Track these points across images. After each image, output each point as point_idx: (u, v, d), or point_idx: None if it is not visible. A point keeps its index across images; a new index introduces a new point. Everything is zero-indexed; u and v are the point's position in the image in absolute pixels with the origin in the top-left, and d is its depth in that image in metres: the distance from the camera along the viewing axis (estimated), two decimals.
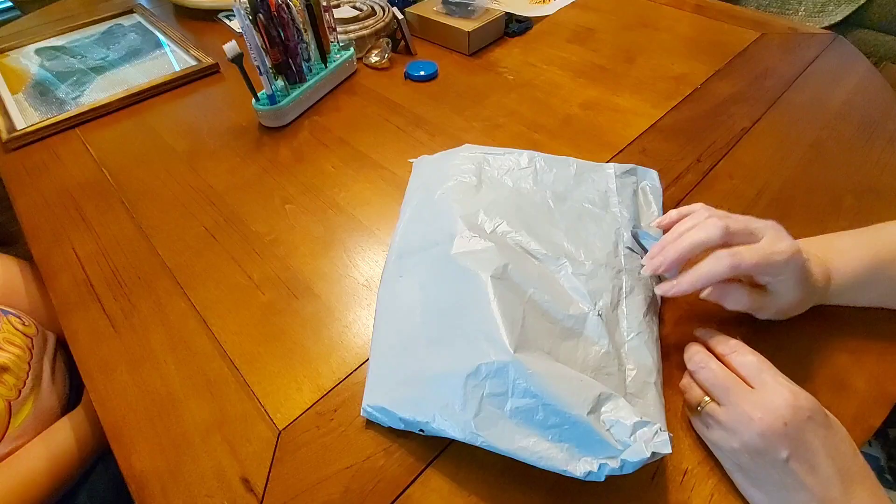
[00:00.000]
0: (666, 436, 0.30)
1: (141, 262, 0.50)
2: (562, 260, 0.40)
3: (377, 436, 0.37)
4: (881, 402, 0.36)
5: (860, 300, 0.41)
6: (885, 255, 0.39)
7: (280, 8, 0.61)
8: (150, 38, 0.89)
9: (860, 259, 0.40)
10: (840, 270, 0.40)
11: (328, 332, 0.43)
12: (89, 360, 0.43)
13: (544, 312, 0.36)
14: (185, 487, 0.35)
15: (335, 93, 0.73)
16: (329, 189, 0.57)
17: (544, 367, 0.33)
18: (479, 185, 0.47)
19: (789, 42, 0.76)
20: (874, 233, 0.41)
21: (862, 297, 0.41)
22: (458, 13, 0.79)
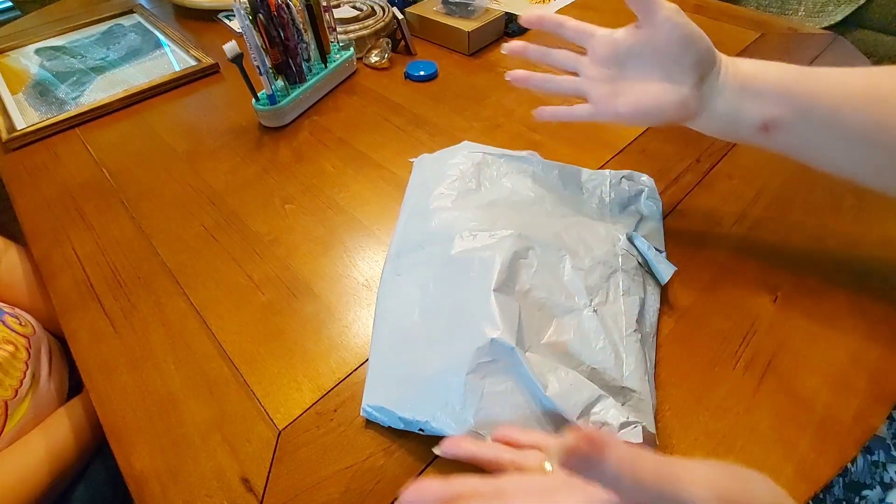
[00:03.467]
0: (639, 428, 0.31)
1: (141, 262, 0.50)
2: (562, 252, 0.40)
3: (377, 436, 0.37)
4: (881, 402, 0.36)
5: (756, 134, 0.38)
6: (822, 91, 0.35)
7: (280, 8, 0.61)
8: (150, 38, 0.89)
9: (775, 67, 0.37)
10: (744, 69, 0.37)
11: (328, 332, 0.43)
12: (89, 360, 0.43)
13: (541, 307, 0.37)
14: (185, 487, 0.35)
15: (335, 93, 0.73)
16: (329, 189, 0.57)
17: (540, 366, 0.33)
18: (479, 187, 0.47)
19: (789, 42, 0.76)
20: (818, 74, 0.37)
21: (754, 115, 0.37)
22: (458, 13, 0.79)
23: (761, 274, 0.45)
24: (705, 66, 0.37)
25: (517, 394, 0.33)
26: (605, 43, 0.41)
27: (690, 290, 0.44)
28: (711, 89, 0.38)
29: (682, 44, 0.37)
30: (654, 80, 0.39)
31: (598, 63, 0.41)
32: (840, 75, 0.35)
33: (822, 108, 0.35)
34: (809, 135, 0.36)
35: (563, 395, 0.32)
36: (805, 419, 0.36)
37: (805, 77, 0.36)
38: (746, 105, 0.37)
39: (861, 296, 0.42)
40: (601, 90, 0.41)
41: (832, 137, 0.36)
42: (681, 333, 0.41)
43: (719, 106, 0.38)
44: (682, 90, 0.38)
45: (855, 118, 0.34)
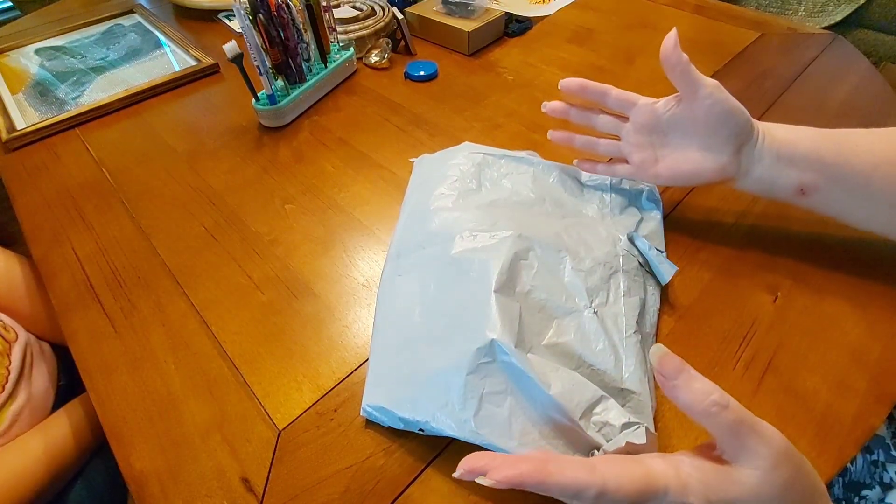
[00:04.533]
0: (642, 429, 0.31)
1: (141, 262, 0.50)
2: (562, 253, 0.40)
3: (377, 436, 0.37)
4: (881, 402, 0.36)
5: (786, 179, 0.40)
6: (842, 143, 0.38)
7: (280, 8, 0.61)
8: (150, 38, 0.89)
9: (807, 134, 0.40)
10: (779, 137, 0.40)
11: (328, 332, 0.43)
12: (89, 360, 0.43)
13: (542, 308, 0.37)
14: (185, 487, 0.35)
15: (335, 93, 0.73)
16: (329, 189, 0.57)
17: (541, 367, 0.33)
18: (479, 187, 0.47)
19: (789, 42, 0.76)
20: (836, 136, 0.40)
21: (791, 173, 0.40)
22: (458, 13, 0.79)
23: (761, 274, 0.45)
24: (743, 137, 0.40)
25: (517, 395, 0.33)
26: (646, 112, 0.43)
27: (690, 290, 0.44)
28: (748, 158, 0.40)
29: (721, 118, 0.39)
30: (694, 148, 0.41)
31: (640, 131, 0.44)
32: (870, 142, 0.38)
33: (853, 175, 0.38)
34: (842, 198, 0.39)
35: (565, 394, 0.32)
36: (805, 419, 0.36)
37: (837, 144, 0.38)
38: (782, 172, 0.40)
39: (861, 295, 0.42)
40: (641, 155, 0.44)
41: (863, 201, 0.39)
42: (681, 333, 0.41)
43: (756, 172, 0.41)
44: (721, 159, 0.41)
45: (884, 184, 0.37)
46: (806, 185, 0.39)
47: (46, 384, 0.57)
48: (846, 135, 0.39)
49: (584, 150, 0.48)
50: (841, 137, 0.39)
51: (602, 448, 0.31)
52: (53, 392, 0.57)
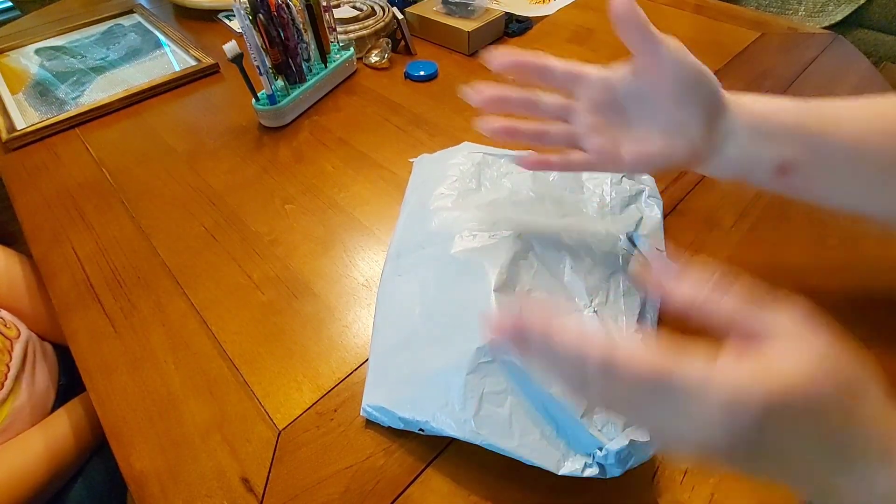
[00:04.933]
0: None
1: (141, 262, 0.50)
2: (562, 252, 0.40)
3: (377, 436, 0.37)
4: None
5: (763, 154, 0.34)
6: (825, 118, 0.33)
7: (280, 8, 0.61)
8: (150, 38, 0.89)
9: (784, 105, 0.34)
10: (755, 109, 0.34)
11: (328, 332, 0.43)
12: (89, 360, 0.43)
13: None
14: (185, 487, 0.35)
15: (335, 93, 0.73)
16: (329, 189, 0.57)
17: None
18: (479, 187, 0.47)
19: (789, 42, 0.76)
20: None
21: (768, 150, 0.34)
22: (458, 13, 0.79)
23: (761, 274, 0.45)
24: (714, 109, 0.34)
25: (517, 394, 0.33)
26: (599, 87, 0.35)
27: None
28: (721, 132, 0.34)
29: (688, 84, 0.33)
30: (659, 125, 0.34)
31: (593, 110, 0.36)
32: (856, 108, 0.33)
33: (839, 146, 0.33)
34: (827, 175, 0.34)
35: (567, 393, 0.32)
36: None
37: (819, 113, 0.33)
38: (760, 147, 0.34)
39: (861, 296, 0.42)
40: (598, 140, 0.36)
41: (851, 176, 0.33)
42: (681, 333, 0.41)
43: (730, 150, 0.34)
44: (690, 134, 0.34)
45: (875, 153, 0.32)
46: (787, 161, 0.33)
47: (47, 383, 0.57)
48: (827, 105, 0.34)
49: (531, 142, 0.38)
50: (822, 108, 0.34)
51: (605, 448, 0.30)
52: (54, 391, 0.57)
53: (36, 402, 0.53)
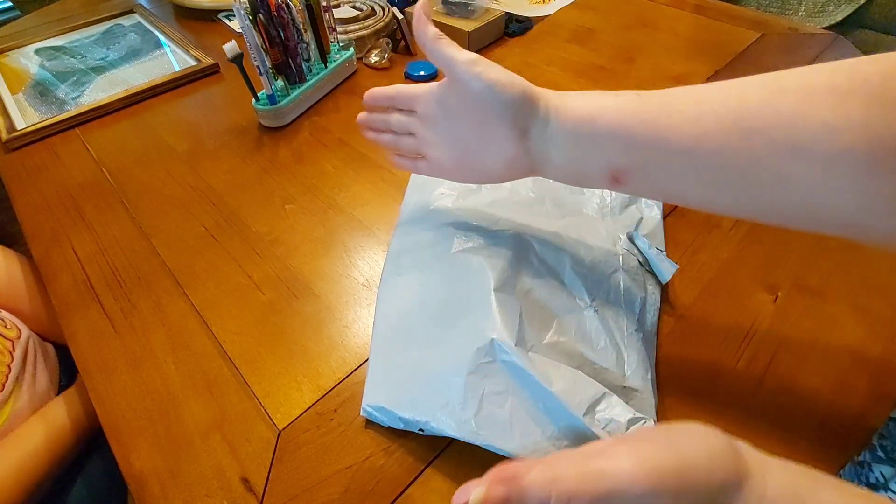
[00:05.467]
0: (650, 422, 0.30)
1: (141, 262, 0.50)
2: (562, 252, 0.40)
3: (377, 436, 0.37)
4: (881, 402, 0.36)
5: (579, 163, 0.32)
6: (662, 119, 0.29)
7: (280, 8, 0.61)
8: (150, 38, 0.89)
9: (612, 103, 0.30)
10: (575, 111, 0.31)
11: (328, 332, 0.43)
12: (89, 360, 0.43)
13: (542, 307, 0.37)
14: (185, 487, 0.35)
15: (335, 93, 0.73)
16: (329, 189, 0.57)
17: (543, 366, 0.33)
18: (479, 187, 0.47)
19: (789, 42, 0.76)
20: None
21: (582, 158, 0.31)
22: (458, 13, 0.79)
23: (761, 274, 0.45)
24: (523, 118, 0.32)
25: (518, 394, 0.33)
26: (425, 103, 0.38)
27: (691, 289, 0.44)
28: (541, 142, 0.33)
29: (487, 96, 0.32)
30: (474, 141, 0.35)
31: (426, 124, 0.39)
32: (696, 104, 0.28)
33: (672, 153, 0.29)
34: (664, 178, 0.30)
35: (568, 391, 0.32)
36: (805, 419, 0.36)
37: (651, 113, 0.29)
38: (585, 156, 0.32)
39: (861, 296, 0.42)
40: (433, 152, 0.39)
41: (690, 181, 0.29)
42: (681, 333, 0.41)
43: (555, 159, 0.33)
44: (505, 149, 0.33)
45: (712, 159, 0.28)
46: (617, 170, 0.31)
47: (48, 384, 0.57)
48: (667, 98, 0.29)
49: (390, 148, 0.44)
50: (660, 102, 0.29)
51: None
52: (55, 392, 0.57)
53: (36, 404, 0.53)
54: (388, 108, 0.42)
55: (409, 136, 0.42)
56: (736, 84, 0.28)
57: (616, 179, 0.31)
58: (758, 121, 0.26)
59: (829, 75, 0.25)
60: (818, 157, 0.25)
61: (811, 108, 0.25)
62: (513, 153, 0.33)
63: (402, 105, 0.41)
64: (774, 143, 0.25)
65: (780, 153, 0.25)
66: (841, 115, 0.24)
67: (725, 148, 0.27)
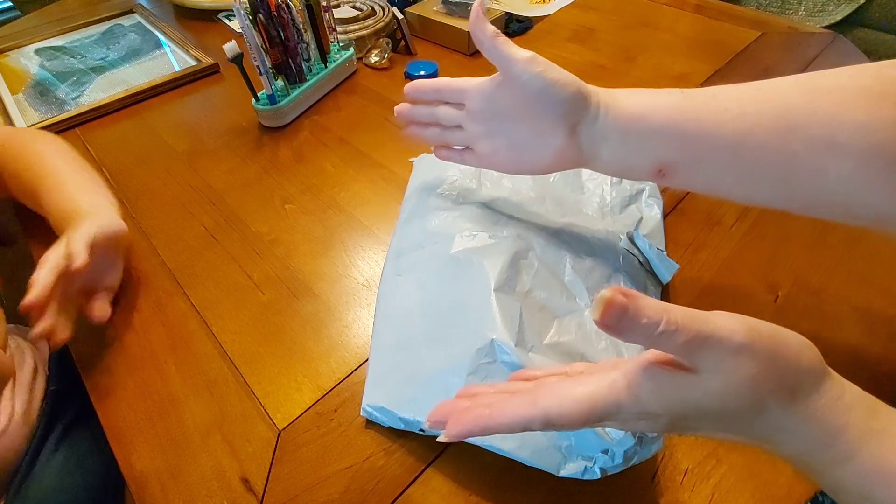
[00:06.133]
0: None
1: (141, 262, 0.50)
2: (562, 252, 0.40)
3: (377, 436, 0.37)
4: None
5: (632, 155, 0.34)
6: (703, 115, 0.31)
7: (280, 8, 0.61)
8: (150, 38, 0.89)
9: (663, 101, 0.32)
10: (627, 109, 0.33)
11: (328, 332, 0.43)
12: (89, 360, 0.43)
13: (542, 307, 0.37)
14: (185, 487, 0.35)
15: (335, 93, 0.73)
16: (329, 189, 0.57)
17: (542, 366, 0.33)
18: (479, 187, 0.47)
19: (789, 42, 0.76)
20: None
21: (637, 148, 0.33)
22: (458, 13, 0.79)
23: (761, 274, 0.45)
24: (575, 115, 0.34)
25: None
26: (476, 98, 0.39)
27: (691, 289, 0.44)
28: (590, 137, 0.34)
29: (542, 95, 0.34)
30: (524, 134, 0.37)
31: (475, 118, 0.40)
32: (739, 103, 0.31)
33: (719, 149, 0.31)
34: (710, 174, 0.32)
35: None
36: None
37: (699, 110, 0.31)
38: (633, 151, 0.33)
39: (861, 296, 0.42)
40: (482, 146, 0.40)
41: (735, 175, 0.31)
42: None
43: (604, 154, 0.34)
44: (555, 143, 0.35)
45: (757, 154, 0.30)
46: (664, 163, 0.32)
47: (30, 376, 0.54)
48: (712, 97, 0.32)
49: (436, 141, 0.44)
50: (705, 101, 0.32)
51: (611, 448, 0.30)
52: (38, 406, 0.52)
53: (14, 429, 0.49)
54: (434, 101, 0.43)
55: (457, 130, 0.42)
56: (773, 85, 0.30)
57: (662, 174, 0.33)
58: (796, 119, 0.28)
59: (860, 78, 0.28)
60: (852, 153, 0.27)
61: (845, 109, 0.27)
62: (563, 148, 0.35)
63: (451, 98, 0.41)
64: (812, 140, 0.28)
65: (817, 149, 0.28)
66: (873, 115, 0.26)
67: (767, 143, 0.29)
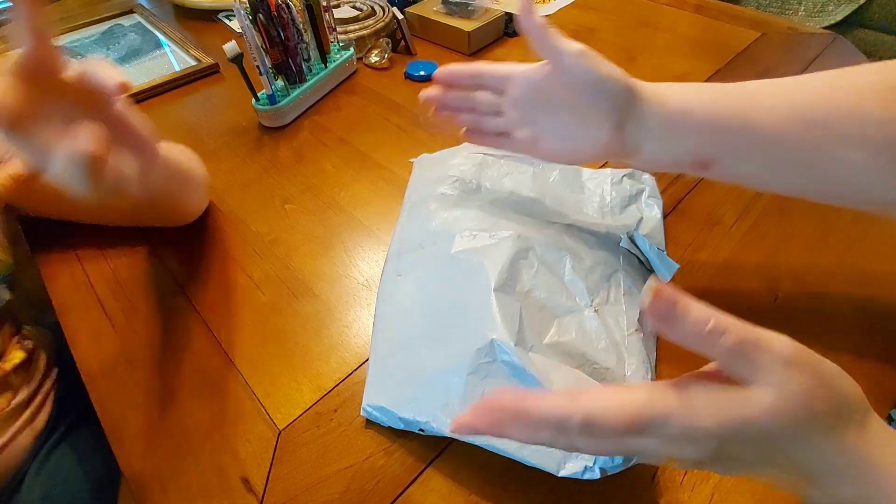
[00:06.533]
0: None
1: (141, 262, 0.50)
2: (563, 252, 0.40)
3: (377, 436, 0.37)
4: (881, 402, 0.36)
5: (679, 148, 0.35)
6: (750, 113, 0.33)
7: (280, 8, 0.61)
8: (150, 38, 0.89)
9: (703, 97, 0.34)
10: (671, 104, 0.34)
11: (328, 332, 0.43)
12: (89, 360, 0.43)
13: (542, 307, 0.37)
14: (185, 487, 0.35)
15: (335, 93, 0.73)
16: (329, 189, 0.57)
17: (543, 366, 0.33)
18: (479, 187, 0.47)
19: (789, 42, 0.76)
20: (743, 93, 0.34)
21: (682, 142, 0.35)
22: (458, 13, 0.79)
23: (761, 274, 0.45)
24: (623, 111, 0.35)
25: None
26: (521, 85, 0.38)
27: (691, 289, 0.43)
28: (635, 132, 0.35)
29: (593, 88, 0.35)
30: (570, 125, 0.37)
31: (516, 105, 0.39)
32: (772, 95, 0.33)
33: (756, 141, 0.33)
34: (748, 165, 0.34)
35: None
36: None
37: (739, 103, 0.33)
38: (676, 145, 0.35)
39: (861, 296, 0.42)
40: (522, 133, 0.40)
41: (773, 165, 0.33)
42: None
43: (647, 148, 0.36)
44: (601, 136, 0.36)
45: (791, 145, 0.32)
46: (705, 157, 0.34)
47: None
48: (747, 93, 0.34)
49: (470, 125, 0.43)
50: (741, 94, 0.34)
51: None
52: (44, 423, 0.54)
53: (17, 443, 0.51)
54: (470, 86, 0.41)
55: (496, 116, 0.41)
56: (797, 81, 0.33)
57: (703, 166, 0.35)
58: (819, 113, 0.31)
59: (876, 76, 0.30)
60: (869, 145, 0.29)
61: (862, 104, 0.30)
62: (607, 141, 0.36)
63: (492, 85, 0.40)
64: (832, 133, 0.30)
65: (838, 141, 0.30)
66: (888, 109, 0.29)
67: (796, 136, 0.32)
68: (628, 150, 0.36)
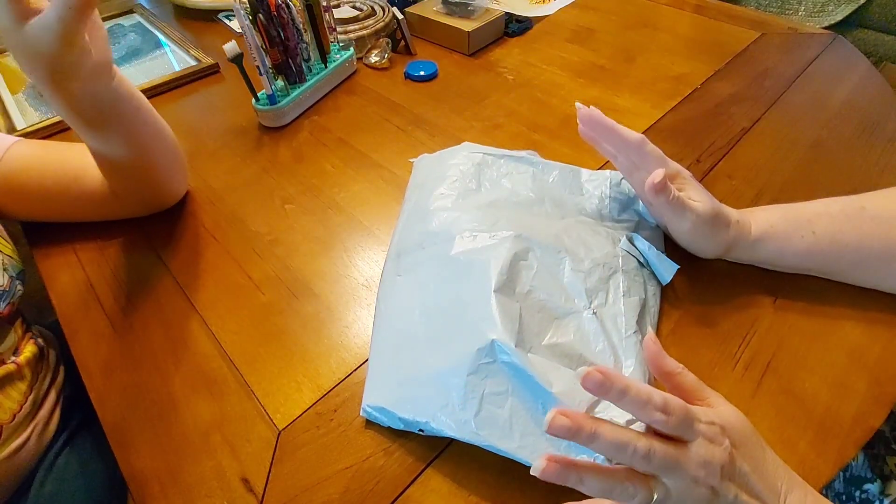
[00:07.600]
0: None
1: (141, 262, 0.50)
2: (562, 254, 0.40)
3: (377, 436, 0.37)
4: (881, 402, 0.36)
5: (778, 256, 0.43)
6: (805, 212, 0.42)
7: (280, 8, 0.61)
8: (150, 38, 0.89)
9: (774, 212, 0.43)
10: (754, 219, 0.43)
11: (328, 332, 0.44)
12: (89, 360, 0.43)
13: (541, 309, 0.37)
14: (185, 487, 0.35)
15: (335, 93, 0.73)
16: (329, 189, 0.57)
17: (542, 367, 0.33)
18: (479, 188, 0.47)
19: (789, 42, 0.76)
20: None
21: (778, 249, 0.42)
22: (458, 13, 0.79)
23: (761, 275, 0.45)
24: (727, 247, 0.43)
25: (518, 395, 0.33)
26: (638, 184, 0.43)
27: (690, 290, 0.44)
28: (735, 249, 0.43)
29: (703, 238, 0.42)
30: (689, 244, 0.44)
31: (631, 176, 0.44)
32: (811, 221, 0.42)
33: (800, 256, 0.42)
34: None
35: (568, 392, 0.32)
36: (805, 419, 0.36)
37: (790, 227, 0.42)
38: (757, 254, 0.44)
39: (861, 296, 0.42)
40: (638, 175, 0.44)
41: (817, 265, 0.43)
42: (681, 334, 0.41)
43: (740, 256, 0.44)
44: (711, 250, 0.44)
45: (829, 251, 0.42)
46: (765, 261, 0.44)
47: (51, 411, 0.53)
48: (802, 214, 0.43)
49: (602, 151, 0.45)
50: (796, 220, 0.42)
51: None
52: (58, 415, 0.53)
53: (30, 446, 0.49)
54: None
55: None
56: (842, 208, 0.42)
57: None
58: (854, 243, 0.40)
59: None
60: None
61: None
62: (714, 254, 0.44)
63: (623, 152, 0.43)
64: (870, 255, 0.40)
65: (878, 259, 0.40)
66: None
67: (832, 251, 0.41)
68: (722, 255, 0.44)
